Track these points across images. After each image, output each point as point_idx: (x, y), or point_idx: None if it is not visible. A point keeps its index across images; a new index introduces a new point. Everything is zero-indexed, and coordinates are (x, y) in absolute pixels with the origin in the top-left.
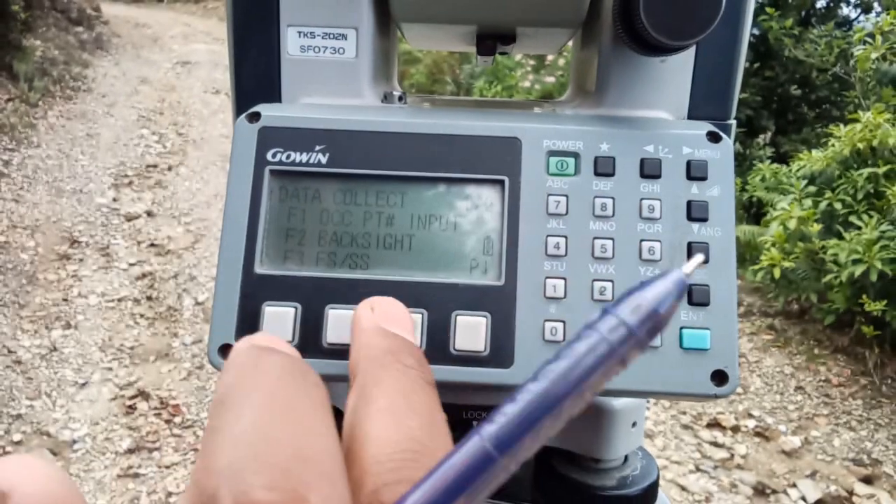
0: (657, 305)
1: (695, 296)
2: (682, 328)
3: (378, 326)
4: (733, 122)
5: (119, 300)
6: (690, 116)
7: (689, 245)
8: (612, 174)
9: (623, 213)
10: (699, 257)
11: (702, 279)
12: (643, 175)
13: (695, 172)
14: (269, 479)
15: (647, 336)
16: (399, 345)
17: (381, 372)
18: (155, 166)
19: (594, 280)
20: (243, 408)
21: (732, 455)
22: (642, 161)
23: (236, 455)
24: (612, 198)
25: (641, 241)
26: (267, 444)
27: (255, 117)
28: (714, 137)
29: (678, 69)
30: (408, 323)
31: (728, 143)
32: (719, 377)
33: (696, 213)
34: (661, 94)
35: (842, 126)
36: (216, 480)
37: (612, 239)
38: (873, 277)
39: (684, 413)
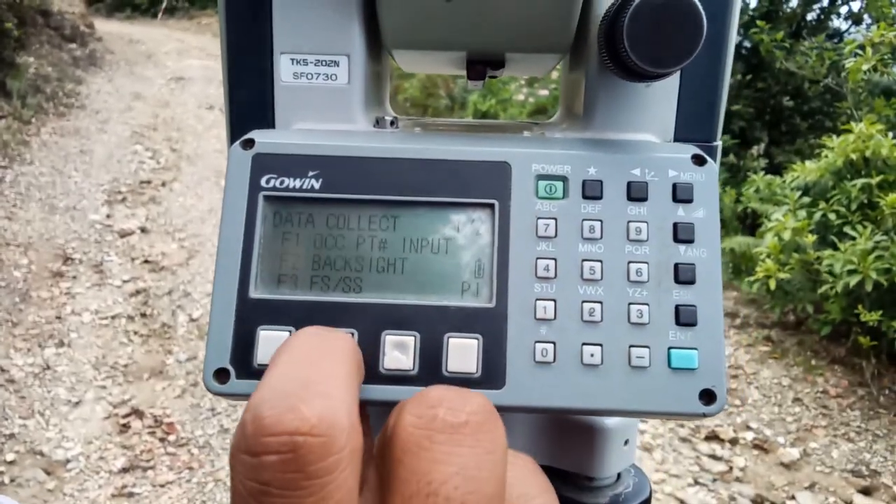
0: None
1: (682, 316)
2: (670, 348)
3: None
4: (719, 143)
5: (113, 317)
6: (677, 139)
7: (676, 266)
8: (599, 197)
9: (611, 236)
10: None
11: (689, 300)
12: (630, 198)
13: (681, 195)
14: (275, 402)
15: None
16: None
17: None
18: (149, 182)
19: (583, 301)
20: (274, 364)
21: (731, 468)
22: (629, 184)
23: (259, 394)
24: (600, 220)
25: (629, 262)
26: (280, 381)
27: (249, 144)
28: (699, 160)
29: (663, 93)
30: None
31: (712, 166)
32: (707, 396)
33: (682, 234)
34: (648, 118)
35: (835, 137)
36: (245, 414)
37: (600, 261)
38: (868, 288)
39: (682, 426)
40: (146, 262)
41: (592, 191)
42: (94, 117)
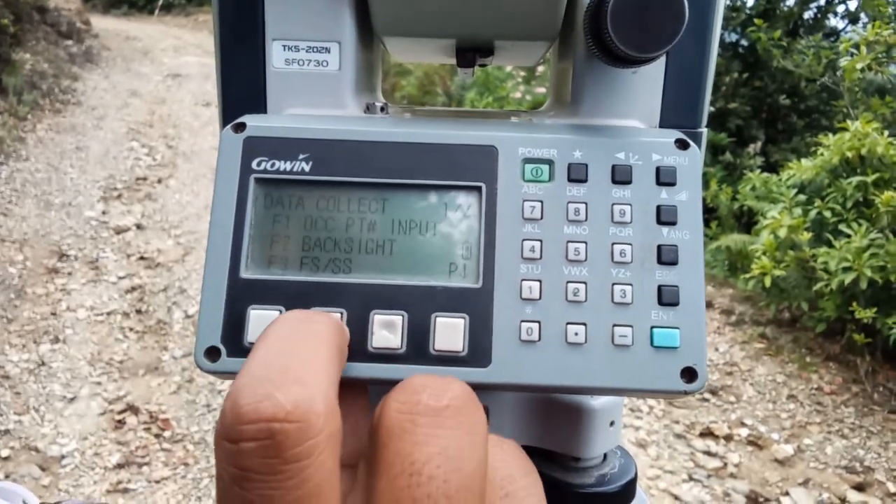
0: None
1: (664, 296)
2: (652, 327)
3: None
4: (704, 130)
5: (108, 314)
6: (662, 125)
7: (659, 247)
8: (584, 180)
9: (595, 218)
10: None
11: (671, 280)
12: (614, 181)
13: (664, 178)
14: (252, 390)
15: None
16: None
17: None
18: (145, 179)
19: (568, 282)
20: (255, 351)
21: (725, 464)
22: (613, 167)
23: (238, 382)
24: (585, 203)
25: (613, 244)
26: (258, 368)
27: (240, 128)
28: (682, 145)
29: (649, 79)
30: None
31: (695, 150)
32: (689, 374)
33: (665, 216)
34: (634, 104)
35: (830, 135)
36: (225, 402)
37: (584, 242)
38: (863, 285)
39: (677, 422)
40: (142, 258)
41: (578, 174)
42: (91, 114)
